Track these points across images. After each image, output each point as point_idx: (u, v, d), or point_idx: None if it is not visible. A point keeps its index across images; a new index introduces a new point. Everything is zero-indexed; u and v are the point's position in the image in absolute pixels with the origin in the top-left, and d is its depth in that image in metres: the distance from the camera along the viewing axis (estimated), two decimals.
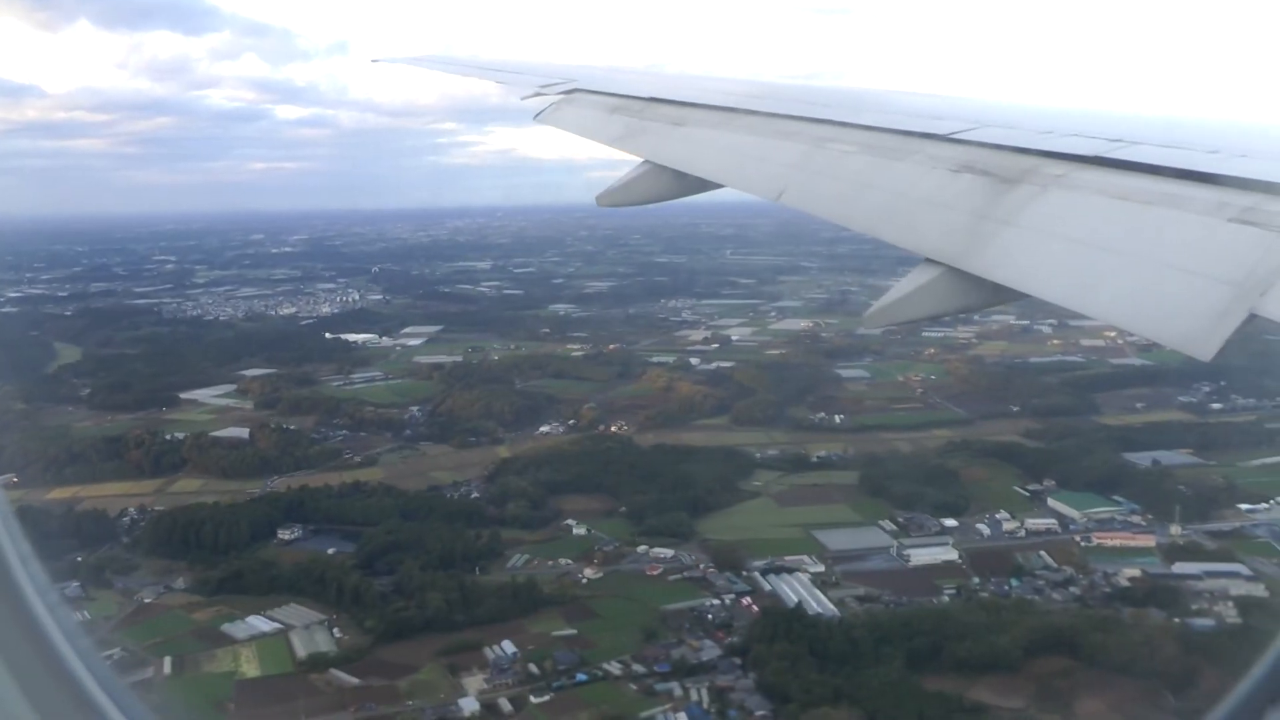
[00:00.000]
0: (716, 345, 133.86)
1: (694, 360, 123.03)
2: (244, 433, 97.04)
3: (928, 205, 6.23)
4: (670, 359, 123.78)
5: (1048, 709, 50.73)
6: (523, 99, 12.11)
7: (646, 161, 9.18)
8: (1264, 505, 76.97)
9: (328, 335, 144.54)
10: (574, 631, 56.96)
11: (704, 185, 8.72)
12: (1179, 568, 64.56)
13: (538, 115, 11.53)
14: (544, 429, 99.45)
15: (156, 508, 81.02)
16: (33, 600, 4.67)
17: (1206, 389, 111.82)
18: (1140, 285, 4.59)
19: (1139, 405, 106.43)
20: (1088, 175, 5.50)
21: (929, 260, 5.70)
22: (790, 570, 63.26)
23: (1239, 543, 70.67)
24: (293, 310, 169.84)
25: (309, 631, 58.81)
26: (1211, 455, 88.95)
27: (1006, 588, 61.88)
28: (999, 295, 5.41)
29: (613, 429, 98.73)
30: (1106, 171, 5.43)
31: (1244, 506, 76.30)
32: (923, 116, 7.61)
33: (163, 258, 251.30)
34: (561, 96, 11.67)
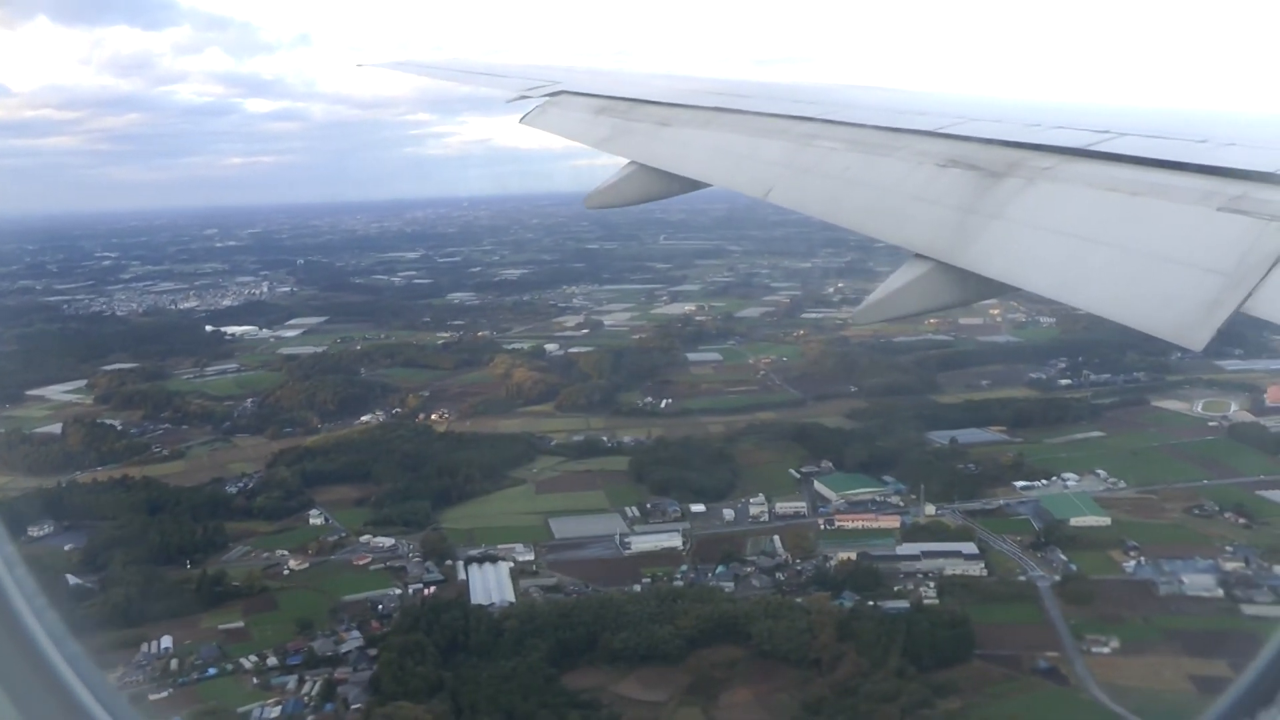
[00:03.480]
0: (586, 331, 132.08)
1: (550, 346, 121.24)
2: (57, 429, 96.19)
3: (915, 200, 6.15)
4: (528, 345, 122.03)
5: (691, 700, 48.91)
6: (508, 102, 12.21)
7: (633, 162, 9.18)
8: (1042, 482, 74.78)
9: (209, 328, 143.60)
10: (241, 624, 55.61)
11: (691, 185, 8.75)
12: (903, 549, 62.49)
13: (524, 118, 11.57)
14: (365, 418, 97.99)
15: None
16: (19, 605, 4.61)
17: (1061, 365, 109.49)
18: (1130, 276, 4.52)
19: (984, 383, 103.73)
20: (1075, 167, 5.45)
21: (918, 255, 5.63)
22: (495, 560, 61.54)
23: (996, 521, 68.63)
24: (194, 304, 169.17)
25: None
26: (1023, 432, 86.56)
27: (710, 575, 59.92)
28: (988, 289, 5.39)
29: (432, 417, 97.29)
30: (1094, 163, 5.39)
31: (1020, 484, 74.04)
32: (908, 112, 7.58)
33: (103, 254, 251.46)
34: (547, 99, 11.71)
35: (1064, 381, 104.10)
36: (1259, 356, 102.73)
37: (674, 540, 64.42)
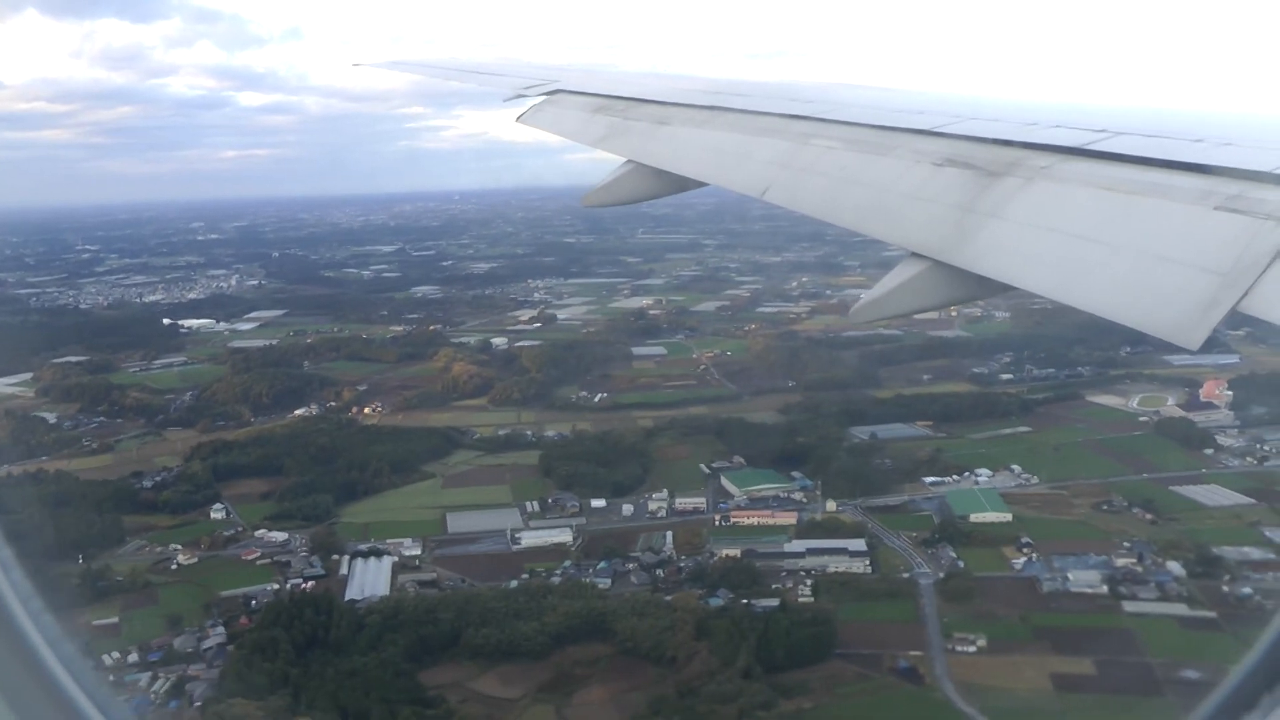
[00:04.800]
0: (539, 324, 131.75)
1: (498, 340, 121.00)
2: None
3: (912, 199, 6.17)
4: (475, 339, 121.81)
5: (545, 698, 48.66)
6: (505, 101, 12.24)
7: (630, 161, 9.20)
8: (953, 478, 74.29)
9: (166, 321, 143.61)
10: (115, 620, 55.46)
11: (688, 184, 8.76)
12: (790, 546, 62.10)
13: (520, 116, 11.58)
14: (300, 411, 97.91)
15: None
16: (14, 606, 4.64)
17: (1006, 360, 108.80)
18: (1127, 276, 4.53)
19: (926, 377, 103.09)
20: (1073, 166, 5.47)
21: (915, 254, 5.66)
22: (381, 554, 61.38)
23: (897, 517, 68.19)
24: (159, 297, 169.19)
25: None
26: (949, 427, 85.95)
27: (590, 571, 59.61)
28: (985, 288, 5.39)
29: (365, 410, 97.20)
30: (1092, 162, 5.40)
31: (930, 480, 73.53)
32: (905, 111, 7.60)
33: (84, 247, 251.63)
34: (544, 98, 11.70)
35: (1005, 376, 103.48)
36: (1209, 351, 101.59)
37: (565, 536, 64.13)
